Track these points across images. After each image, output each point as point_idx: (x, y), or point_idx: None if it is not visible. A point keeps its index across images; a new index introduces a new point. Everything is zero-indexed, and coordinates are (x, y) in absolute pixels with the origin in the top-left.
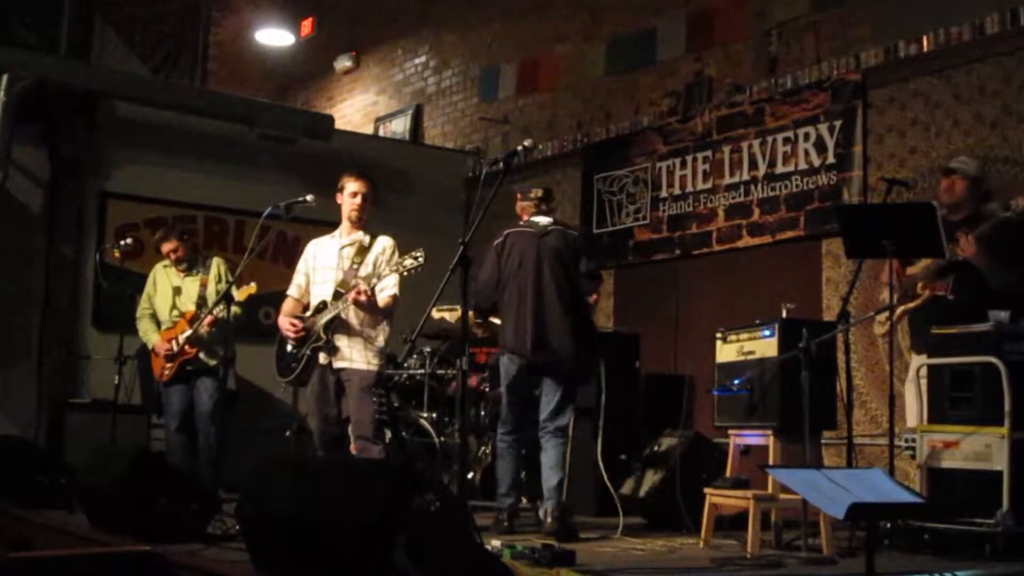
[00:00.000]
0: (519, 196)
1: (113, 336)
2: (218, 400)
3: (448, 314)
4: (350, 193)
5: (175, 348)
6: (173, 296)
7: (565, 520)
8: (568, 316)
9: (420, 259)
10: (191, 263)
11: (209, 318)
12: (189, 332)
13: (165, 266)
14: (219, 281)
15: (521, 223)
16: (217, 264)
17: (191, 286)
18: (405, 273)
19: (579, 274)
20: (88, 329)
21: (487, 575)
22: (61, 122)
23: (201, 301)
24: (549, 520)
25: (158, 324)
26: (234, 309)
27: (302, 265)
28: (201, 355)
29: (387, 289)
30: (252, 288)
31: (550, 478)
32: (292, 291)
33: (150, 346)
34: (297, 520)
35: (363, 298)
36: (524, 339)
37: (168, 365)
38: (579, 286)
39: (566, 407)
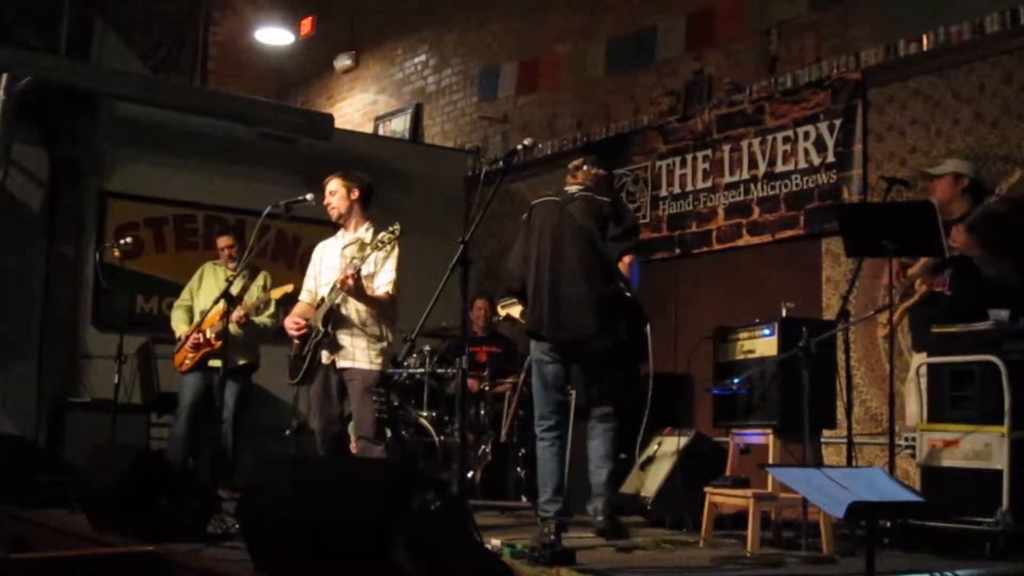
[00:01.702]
0: None
1: (113, 336)
2: (241, 405)
3: (512, 309)
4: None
5: (201, 339)
6: (216, 295)
7: (615, 518)
8: (594, 290)
9: (395, 231)
10: (239, 263)
11: (239, 313)
12: (219, 326)
13: (215, 264)
14: (261, 290)
15: (550, 193)
16: (264, 276)
17: (234, 288)
18: (382, 247)
19: (605, 242)
20: (88, 329)
21: (487, 574)
22: (61, 122)
23: (238, 301)
24: (600, 518)
25: (191, 319)
26: (267, 319)
27: (311, 269)
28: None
29: (382, 286)
30: (288, 288)
31: (598, 472)
32: (303, 295)
33: (178, 334)
34: (297, 519)
35: (350, 282)
36: (543, 318)
37: (191, 355)
38: (607, 255)
39: (608, 392)
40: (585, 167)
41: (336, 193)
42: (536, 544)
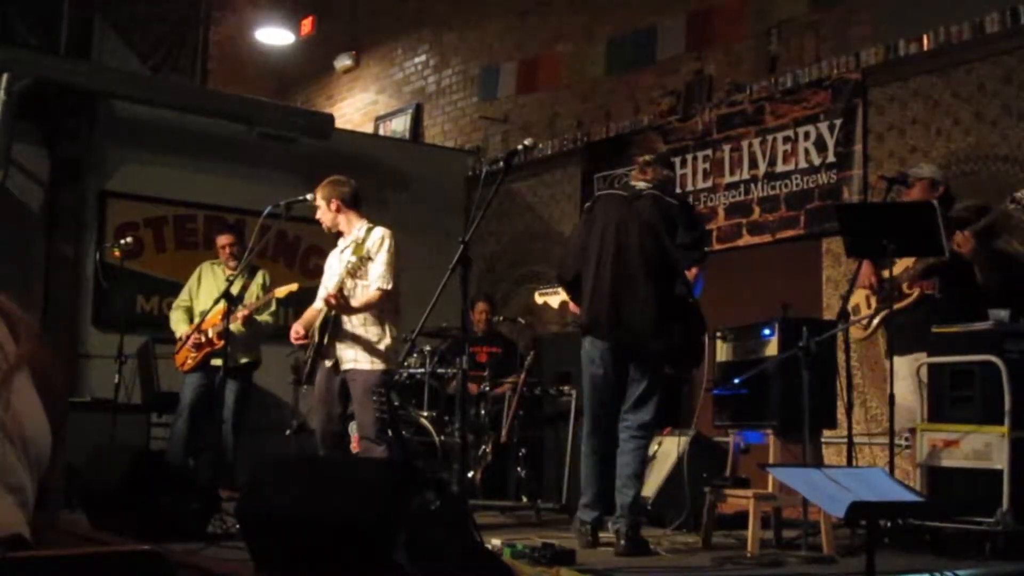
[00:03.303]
0: None
1: (113, 335)
2: (241, 405)
3: (551, 299)
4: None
5: (203, 339)
6: (215, 295)
7: (638, 541)
8: (655, 292)
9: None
10: (240, 261)
11: (243, 312)
12: (220, 326)
13: (213, 264)
14: (261, 288)
15: (616, 186)
16: (263, 274)
17: (234, 287)
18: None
19: (674, 246)
20: (88, 329)
21: (487, 574)
22: (61, 122)
23: (238, 301)
24: (623, 543)
25: (191, 319)
26: (267, 316)
27: (323, 281)
28: (229, 349)
29: (374, 281)
30: (293, 286)
31: (624, 492)
32: (316, 303)
33: (178, 334)
34: (297, 519)
35: (332, 302)
36: (600, 316)
37: (193, 355)
38: (674, 260)
39: (651, 398)
40: (655, 165)
41: (319, 208)
42: (578, 547)
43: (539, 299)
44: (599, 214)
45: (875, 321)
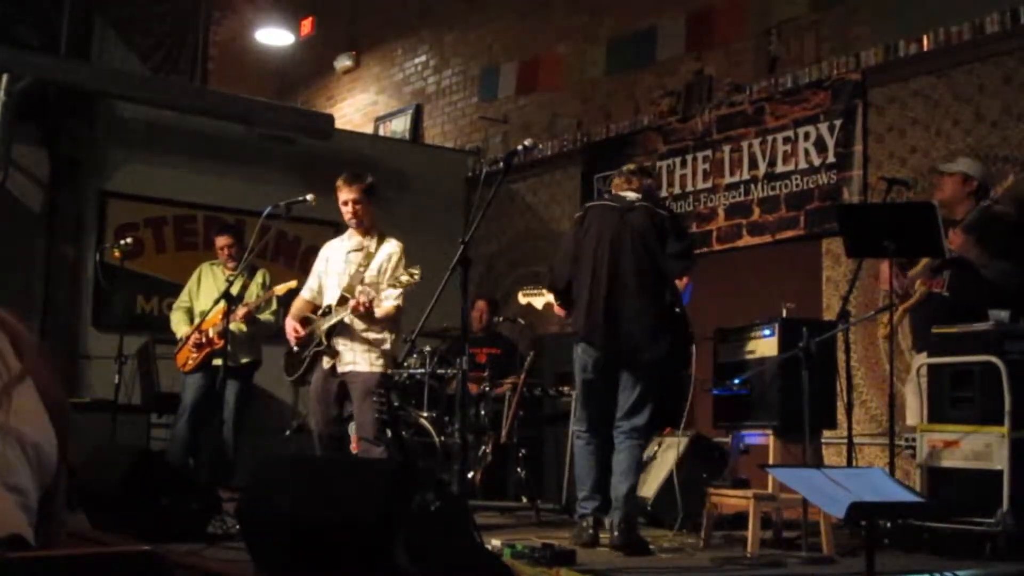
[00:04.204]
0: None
1: (113, 336)
2: (242, 405)
3: (535, 300)
4: (341, 202)
5: (204, 339)
6: (215, 295)
7: (632, 533)
8: (649, 302)
9: (416, 276)
10: (239, 262)
11: (243, 310)
12: (221, 326)
13: (212, 264)
14: (261, 288)
15: (606, 196)
16: (263, 273)
17: (234, 287)
18: (399, 288)
19: (665, 257)
20: (88, 329)
21: (487, 574)
22: (61, 122)
23: (239, 300)
24: (616, 533)
25: (191, 320)
26: (268, 315)
27: (315, 268)
28: (229, 348)
29: (389, 299)
30: (292, 284)
31: (619, 485)
32: (304, 292)
33: (179, 336)
34: (297, 519)
35: (361, 310)
36: (595, 326)
37: (194, 355)
38: (666, 270)
39: (644, 405)
40: (639, 174)
41: (360, 203)
42: (577, 541)
43: (523, 299)
44: (591, 225)
45: (895, 317)
